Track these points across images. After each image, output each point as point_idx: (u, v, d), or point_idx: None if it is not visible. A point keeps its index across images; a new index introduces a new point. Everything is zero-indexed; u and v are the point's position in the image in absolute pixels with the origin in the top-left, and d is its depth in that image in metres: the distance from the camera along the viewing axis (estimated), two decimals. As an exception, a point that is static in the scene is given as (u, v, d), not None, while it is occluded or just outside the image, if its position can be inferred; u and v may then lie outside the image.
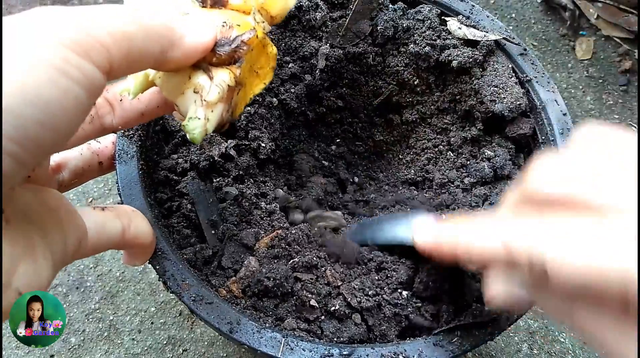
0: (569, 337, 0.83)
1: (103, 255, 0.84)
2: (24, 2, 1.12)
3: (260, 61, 0.39)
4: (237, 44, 0.35)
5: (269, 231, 0.50)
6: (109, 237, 0.35)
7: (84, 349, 0.77)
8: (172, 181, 0.52)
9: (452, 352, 0.41)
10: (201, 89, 0.34)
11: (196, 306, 0.41)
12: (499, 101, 0.56)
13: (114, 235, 0.36)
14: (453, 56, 0.58)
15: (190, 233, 0.48)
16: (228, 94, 0.35)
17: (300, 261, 0.46)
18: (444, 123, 0.63)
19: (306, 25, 0.60)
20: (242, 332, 0.40)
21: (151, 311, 0.81)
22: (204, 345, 0.78)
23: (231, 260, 0.46)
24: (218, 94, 0.34)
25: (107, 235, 0.35)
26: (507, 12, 1.18)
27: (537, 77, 0.58)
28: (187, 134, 0.34)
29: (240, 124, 0.55)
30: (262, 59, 0.39)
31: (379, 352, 0.41)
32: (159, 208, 0.50)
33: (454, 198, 0.57)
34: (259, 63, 0.39)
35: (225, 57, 0.35)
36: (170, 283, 0.42)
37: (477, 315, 0.43)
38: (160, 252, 0.43)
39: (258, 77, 0.40)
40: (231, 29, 0.35)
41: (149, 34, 0.29)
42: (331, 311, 0.43)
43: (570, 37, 1.15)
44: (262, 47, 0.38)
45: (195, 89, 0.34)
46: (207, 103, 0.34)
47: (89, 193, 0.89)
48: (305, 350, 0.40)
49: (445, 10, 0.62)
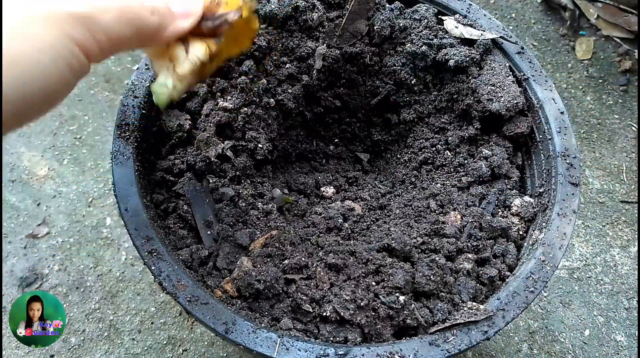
0: (569, 337, 0.83)
1: (103, 255, 0.85)
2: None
3: (241, 31, 0.40)
4: (220, 21, 0.36)
5: (265, 231, 0.50)
6: None
7: (84, 349, 0.78)
8: (168, 182, 0.52)
9: (448, 351, 0.41)
10: (176, 60, 0.36)
11: (192, 307, 0.41)
12: (496, 100, 0.56)
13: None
14: (450, 55, 0.58)
15: (186, 234, 0.49)
16: (200, 67, 0.37)
17: (290, 263, 0.45)
18: (442, 122, 0.62)
19: (303, 25, 0.60)
20: (237, 332, 0.40)
21: (151, 311, 0.81)
22: (204, 345, 0.79)
23: (226, 260, 0.47)
24: (189, 68, 0.36)
25: None
26: (507, 12, 1.18)
27: (534, 76, 0.58)
28: (154, 96, 0.37)
29: (238, 125, 0.56)
30: (243, 30, 0.40)
31: (374, 352, 0.40)
32: (155, 209, 0.50)
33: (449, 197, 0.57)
34: (239, 33, 0.40)
35: (206, 31, 0.36)
36: (165, 283, 0.42)
37: (472, 314, 0.43)
38: (156, 253, 0.43)
39: (235, 44, 0.41)
40: (218, 6, 0.37)
41: (139, 26, 0.33)
42: (324, 316, 0.43)
43: (570, 37, 1.14)
44: (245, 23, 0.39)
45: (170, 59, 0.36)
46: (177, 75, 0.36)
47: (89, 193, 0.90)
48: (301, 350, 0.40)
49: (442, 10, 0.62)
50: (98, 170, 0.92)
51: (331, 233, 0.54)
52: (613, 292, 0.87)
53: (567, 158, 0.53)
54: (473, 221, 0.53)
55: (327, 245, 0.51)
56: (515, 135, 0.58)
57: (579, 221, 0.94)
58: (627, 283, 0.88)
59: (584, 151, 1.01)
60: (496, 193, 0.56)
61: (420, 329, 0.44)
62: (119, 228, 0.87)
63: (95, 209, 0.89)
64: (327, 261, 0.47)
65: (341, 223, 0.55)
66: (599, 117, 1.05)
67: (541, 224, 0.51)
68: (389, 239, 0.49)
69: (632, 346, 0.83)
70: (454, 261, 0.49)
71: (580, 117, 1.05)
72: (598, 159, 1.01)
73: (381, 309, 0.44)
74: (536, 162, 0.57)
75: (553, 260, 0.47)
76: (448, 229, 0.51)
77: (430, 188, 0.59)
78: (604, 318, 0.85)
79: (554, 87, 0.58)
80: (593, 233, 0.93)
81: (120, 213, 0.46)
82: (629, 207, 0.96)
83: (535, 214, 0.54)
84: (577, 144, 0.54)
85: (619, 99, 1.07)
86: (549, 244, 0.48)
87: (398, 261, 0.48)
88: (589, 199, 0.97)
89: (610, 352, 0.82)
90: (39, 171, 0.91)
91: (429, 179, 0.61)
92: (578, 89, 1.08)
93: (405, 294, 0.45)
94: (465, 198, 0.56)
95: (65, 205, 0.88)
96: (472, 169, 0.58)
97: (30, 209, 0.88)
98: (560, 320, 0.84)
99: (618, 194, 0.97)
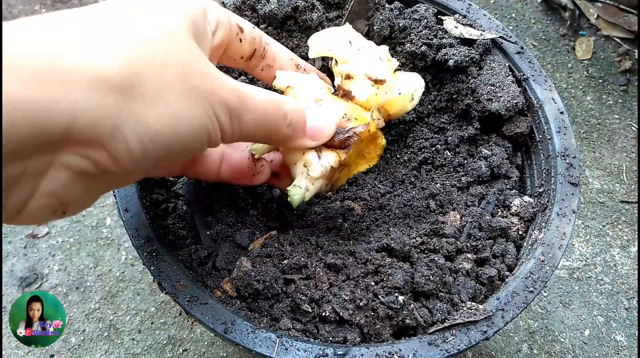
0: (569, 337, 0.83)
1: (103, 255, 0.85)
2: (24, 2, 1.12)
3: (369, 147, 0.47)
4: (349, 134, 0.42)
5: (264, 231, 0.50)
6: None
7: (84, 349, 0.78)
8: (168, 182, 0.52)
9: (447, 351, 0.41)
10: (309, 165, 0.42)
11: (191, 307, 0.41)
12: (495, 100, 0.56)
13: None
14: (449, 55, 0.58)
15: (185, 234, 0.49)
16: (330, 172, 0.43)
17: (289, 264, 0.45)
18: (441, 122, 0.62)
19: (302, 25, 0.60)
20: (236, 332, 0.40)
21: (151, 311, 0.81)
22: (204, 345, 0.79)
23: (225, 260, 0.47)
24: (320, 172, 0.42)
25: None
26: (507, 12, 1.18)
27: (534, 76, 0.58)
28: (288, 196, 0.42)
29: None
30: (370, 146, 0.47)
31: (373, 352, 0.40)
32: (154, 210, 0.50)
33: (449, 197, 0.57)
34: (367, 149, 0.47)
35: (337, 143, 0.42)
36: (165, 284, 0.42)
37: (472, 314, 0.43)
38: (156, 253, 0.44)
39: (364, 160, 0.47)
40: (349, 121, 0.43)
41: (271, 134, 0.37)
42: (324, 316, 0.43)
43: (570, 37, 1.14)
44: (372, 138, 0.46)
45: (305, 164, 0.42)
46: (309, 177, 0.42)
47: (89, 194, 0.90)
48: (300, 350, 0.40)
49: (442, 10, 0.62)
50: (98, 170, 0.92)
51: (331, 233, 0.54)
52: (613, 292, 0.87)
53: (566, 158, 0.53)
54: (472, 221, 0.53)
55: (327, 245, 0.51)
56: (514, 135, 0.58)
57: (579, 221, 0.94)
58: (627, 283, 0.88)
59: (584, 151, 1.01)
60: (496, 193, 0.56)
61: (420, 329, 0.44)
62: (119, 228, 0.87)
63: (95, 209, 0.89)
64: (326, 261, 0.47)
65: (341, 223, 0.55)
66: (599, 117, 1.05)
67: (541, 224, 0.51)
68: (389, 239, 0.49)
69: (632, 346, 0.83)
70: (453, 261, 0.49)
71: (580, 117, 1.05)
72: (598, 159, 1.01)
73: (380, 309, 0.44)
74: (536, 162, 0.57)
75: (552, 260, 0.47)
76: (447, 229, 0.51)
77: (429, 188, 0.59)
78: (604, 318, 0.85)
79: (553, 87, 0.58)
80: (593, 233, 0.93)
81: (119, 213, 0.46)
82: (629, 207, 0.96)
83: (534, 214, 0.54)
84: (576, 144, 0.54)
85: (619, 99, 1.07)
86: (549, 244, 0.48)
87: (397, 261, 0.48)
88: (589, 199, 0.97)
89: (610, 352, 0.82)
90: (39, 171, 0.91)
91: (429, 179, 0.61)
92: (578, 89, 1.08)
93: (405, 294, 0.45)
94: (464, 198, 0.56)
95: (65, 205, 0.88)
96: (472, 169, 0.58)
97: (30, 210, 0.88)
98: (560, 320, 0.84)
99: (618, 194, 0.97)
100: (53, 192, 0.28)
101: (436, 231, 0.52)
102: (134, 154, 0.28)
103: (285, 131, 0.38)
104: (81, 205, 0.32)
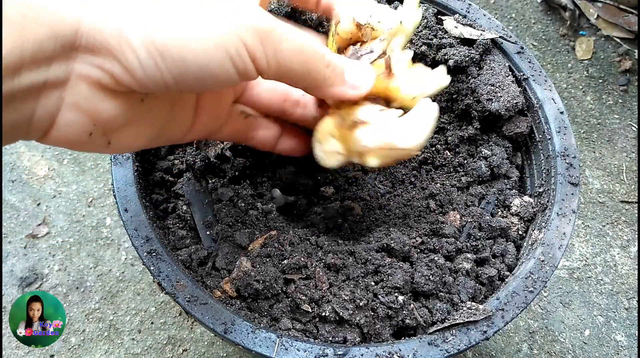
0: (569, 337, 0.83)
1: (103, 255, 0.85)
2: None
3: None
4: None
5: (264, 231, 0.50)
6: None
7: (84, 349, 0.78)
8: (167, 182, 0.52)
9: (447, 351, 0.41)
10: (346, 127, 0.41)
11: (191, 307, 0.41)
12: (495, 100, 0.56)
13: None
14: (449, 55, 0.58)
15: (185, 234, 0.49)
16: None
17: (289, 263, 0.45)
18: (441, 122, 0.62)
19: (302, 25, 0.60)
20: (236, 332, 0.40)
21: (151, 311, 0.81)
22: (204, 345, 0.79)
23: (225, 260, 0.47)
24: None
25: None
26: (507, 12, 1.18)
27: (534, 76, 0.58)
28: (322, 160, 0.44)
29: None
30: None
31: (373, 352, 0.40)
32: (154, 210, 0.50)
33: (449, 197, 0.57)
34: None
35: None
36: (165, 284, 0.42)
37: (472, 314, 0.43)
38: (155, 253, 0.44)
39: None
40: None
41: (310, 70, 0.34)
42: (324, 316, 0.43)
43: (570, 37, 1.14)
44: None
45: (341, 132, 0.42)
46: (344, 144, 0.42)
47: (89, 192, 0.90)
48: (300, 350, 0.40)
49: (442, 10, 0.62)
50: (98, 170, 0.92)
51: (330, 233, 0.54)
52: (613, 292, 0.87)
53: (566, 158, 0.53)
54: (472, 221, 0.53)
55: (327, 245, 0.51)
56: (514, 135, 0.58)
57: (579, 221, 0.94)
58: (627, 283, 0.88)
59: (584, 151, 1.01)
60: (495, 193, 0.56)
61: (420, 329, 0.44)
62: (119, 228, 0.87)
63: (95, 209, 0.89)
64: (326, 261, 0.47)
65: (341, 223, 0.55)
66: (599, 117, 1.05)
67: (541, 224, 0.51)
68: (388, 239, 0.49)
69: (632, 346, 0.83)
70: (453, 261, 0.49)
71: (580, 117, 1.05)
72: (598, 159, 1.01)
73: (380, 309, 0.44)
74: (536, 162, 0.57)
75: (552, 260, 0.47)
76: (447, 229, 0.51)
77: (429, 187, 0.59)
78: (604, 318, 0.85)
79: (553, 87, 0.58)
80: (593, 233, 0.93)
81: (119, 213, 0.46)
82: (629, 207, 0.96)
83: (534, 214, 0.54)
84: (576, 144, 0.54)
85: (619, 99, 1.07)
86: (549, 244, 0.48)
87: (397, 261, 0.48)
88: (589, 199, 0.96)
89: (610, 352, 0.82)
90: (39, 171, 0.91)
91: (429, 179, 0.61)
92: (578, 89, 1.08)
93: (405, 294, 0.45)
94: (464, 197, 0.56)
95: (65, 205, 0.89)
96: (472, 169, 0.58)
97: (30, 209, 0.88)
98: (560, 320, 0.84)
99: (618, 194, 0.97)
100: (78, 105, 0.28)
101: (436, 231, 0.52)
102: (145, 65, 0.27)
103: (324, 71, 0.35)
104: (124, 135, 0.32)
